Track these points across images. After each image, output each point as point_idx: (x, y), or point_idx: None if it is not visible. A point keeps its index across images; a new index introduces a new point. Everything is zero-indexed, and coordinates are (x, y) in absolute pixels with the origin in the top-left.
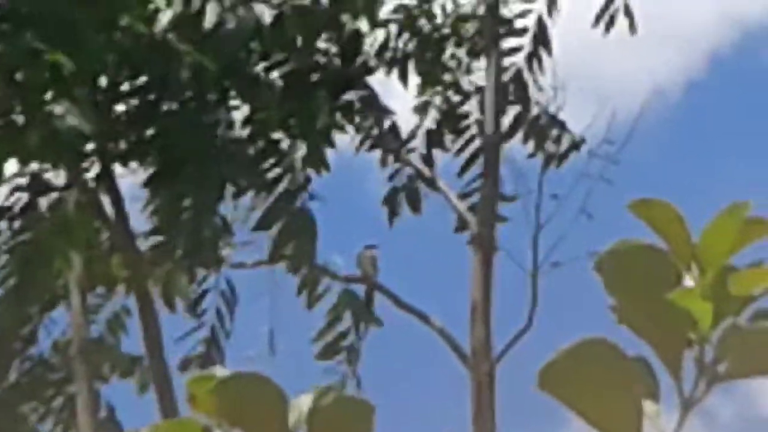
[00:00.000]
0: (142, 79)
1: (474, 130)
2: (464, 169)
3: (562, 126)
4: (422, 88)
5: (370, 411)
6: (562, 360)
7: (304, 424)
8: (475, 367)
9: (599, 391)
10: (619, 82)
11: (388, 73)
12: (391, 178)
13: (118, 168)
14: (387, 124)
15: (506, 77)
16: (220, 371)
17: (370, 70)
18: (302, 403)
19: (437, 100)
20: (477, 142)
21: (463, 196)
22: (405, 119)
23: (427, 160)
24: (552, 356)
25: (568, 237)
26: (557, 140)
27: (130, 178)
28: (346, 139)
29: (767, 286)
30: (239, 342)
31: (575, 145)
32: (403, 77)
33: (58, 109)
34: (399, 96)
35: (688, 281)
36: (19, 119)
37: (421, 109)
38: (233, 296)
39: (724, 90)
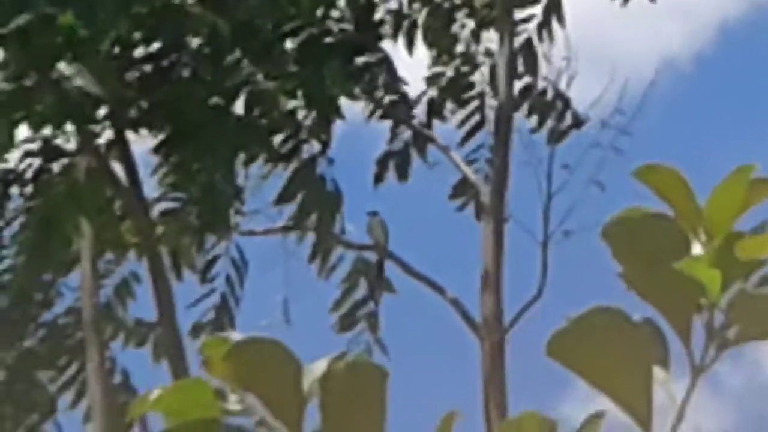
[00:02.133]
0: (156, 44)
1: (479, 100)
2: (466, 138)
3: (566, 102)
4: (435, 59)
5: (384, 376)
6: (572, 328)
7: (317, 390)
8: (485, 335)
9: (609, 359)
10: (630, 53)
11: (395, 40)
12: (391, 140)
13: (131, 135)
14: (397, 93)
15: (516, 46)
16: (234, 335)
17: (383, 36)
18: (316, 369)
19: (445, 69)
20: (480, 113)
21: (469, 162)
22: (416, 89)
23: (427, 128)
24: (561, 325)
25: (579, 206)
26: (560, 116)
27: (144, 145)
28: (358, 108)
29: None
30: (254, 311)
31: (577, 123)
32: (410, 46)
33: (69, 71)
34: (409, 66)
35: (696, 247)
36: (31, 83)
37: (430, 79)
38: (244, 263)
39: (734, 61)
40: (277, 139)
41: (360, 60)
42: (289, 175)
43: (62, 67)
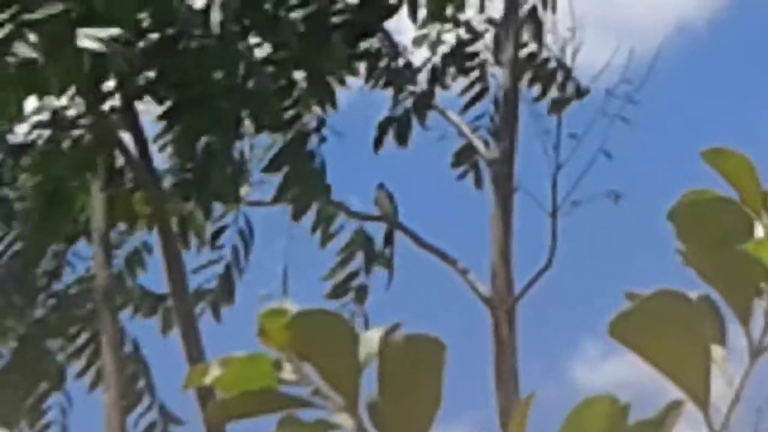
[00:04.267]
0: (163, 14)
1: (480, 69)
2: (468, 106)
3: (568, 72)
4: (429, 21)
5: (442, 349)
6: (636, 311)
7: (374, 360)
8: (496, 305)
9: (670, 340)
10: (640, 17)
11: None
12: (395, 105)
13: (141, 107)
14: (401, 61)
15: (522, 14)
16: (291, 306)
17: (389, 14)
18: (372, 339)
19: (447, 37)
20: (483, 82)
21: (472, 131)
22: (421, 57)
23: (428, 96)
24: (625, 307)
25: (587, 176)
26: (562, 87)
27: (155, 117)
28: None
29: None
30: (254, 280)
31: (579, 93)
32: (413, 13)
33: (78, 39)
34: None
35: (759, 231)
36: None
37: (433, 46)
38: (251, 234)
39: (748, 26)
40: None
41: (364, 44)
42: (280, 146)
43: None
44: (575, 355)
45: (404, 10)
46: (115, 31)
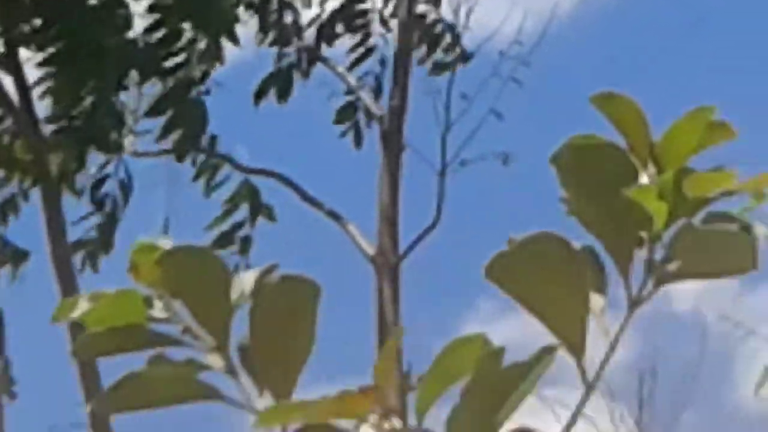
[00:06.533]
0: None
1: (366, 29)
2: (355, 64)
3: (456, 36)
4: None
5: (317, 291)
6: (513, 252)
7: (248, 300)
8: (380, 263)
9: (547, 285)
10: None
11: None
12: (279, 60)
13: (25, 54)
14: (289, 18)
15: None
16: (165, 242)
17: None
18: (247, 279)
19: None
20: (372, 40)
21: (360, 88)
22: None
23: (314, 51)
24: (502, 248)
25: (477, 137)
26: (447, 49)
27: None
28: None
29: (723, 189)
30: (135, 229)
31: (464, 58)
32: None
33: None
34: None
35: (645, 180)
36: None
37: (322, 2)
38: (130, 184)
39: None
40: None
41: None
42: (163, 91)
43: None
44: (469, 314)
45: None
46: None
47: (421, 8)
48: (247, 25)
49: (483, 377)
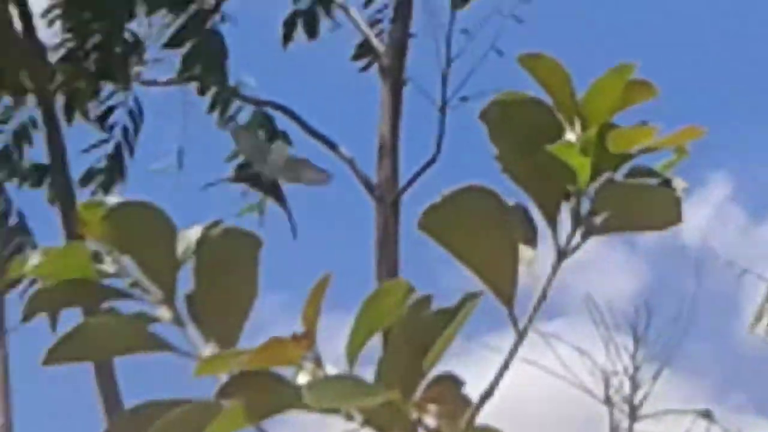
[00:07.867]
0: None
1: None
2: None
3: None
4: None
5: (257, 244)
6: (443, 204)
7: (191, 255)
8: (380, 197)
9: (477, 236)
10: None
11: None
12: (297, 1)
13: None
14: None
15: None
16: (111, 199)
17: None
18: (191, 234)
19: None
20: None
21: (373, 23)
22: None
23: None
24: (433, 200)
25: (478, 73)
26: None
27: None
28: None
29: (645, 145)
30: (148, 160)
31: None
32: None
33: None
34: None
35: (570, 136)
36: None
37: None
38: (140, 113)
39: None
40: None
41: None
42: (180, 23)
43: None
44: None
45: None
46: None
47: None
48: None
49: (411, 323)
